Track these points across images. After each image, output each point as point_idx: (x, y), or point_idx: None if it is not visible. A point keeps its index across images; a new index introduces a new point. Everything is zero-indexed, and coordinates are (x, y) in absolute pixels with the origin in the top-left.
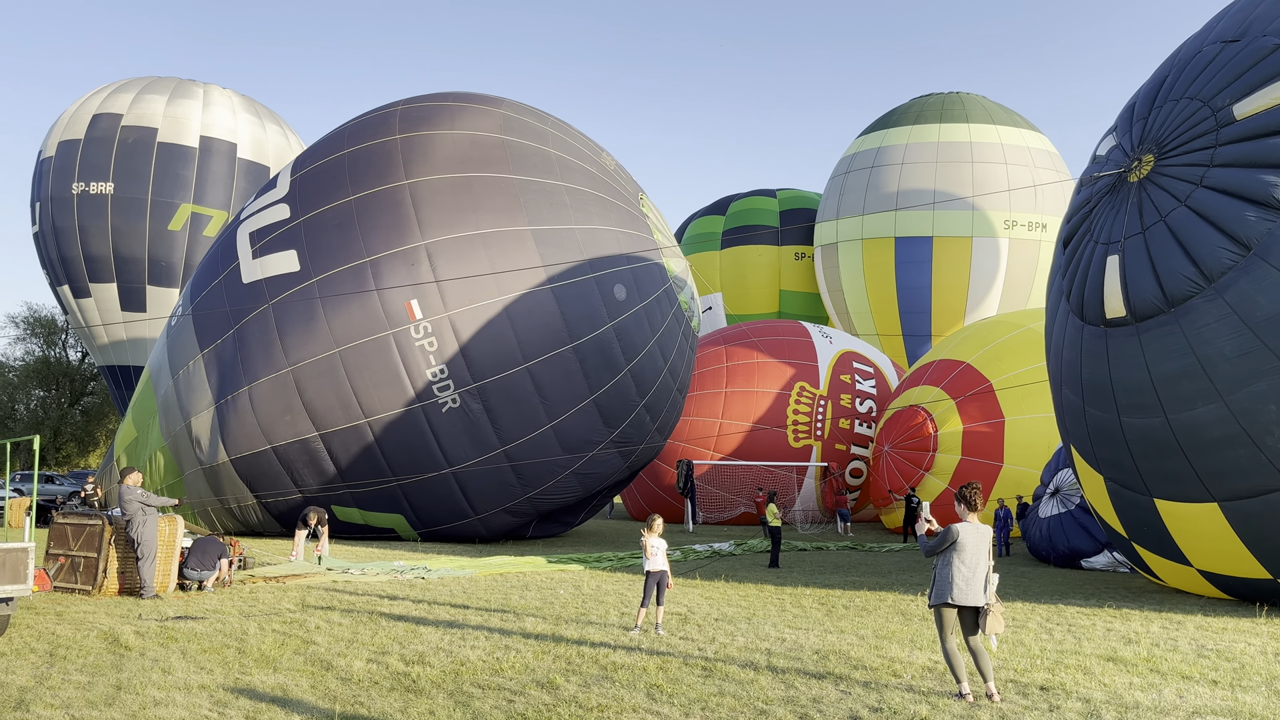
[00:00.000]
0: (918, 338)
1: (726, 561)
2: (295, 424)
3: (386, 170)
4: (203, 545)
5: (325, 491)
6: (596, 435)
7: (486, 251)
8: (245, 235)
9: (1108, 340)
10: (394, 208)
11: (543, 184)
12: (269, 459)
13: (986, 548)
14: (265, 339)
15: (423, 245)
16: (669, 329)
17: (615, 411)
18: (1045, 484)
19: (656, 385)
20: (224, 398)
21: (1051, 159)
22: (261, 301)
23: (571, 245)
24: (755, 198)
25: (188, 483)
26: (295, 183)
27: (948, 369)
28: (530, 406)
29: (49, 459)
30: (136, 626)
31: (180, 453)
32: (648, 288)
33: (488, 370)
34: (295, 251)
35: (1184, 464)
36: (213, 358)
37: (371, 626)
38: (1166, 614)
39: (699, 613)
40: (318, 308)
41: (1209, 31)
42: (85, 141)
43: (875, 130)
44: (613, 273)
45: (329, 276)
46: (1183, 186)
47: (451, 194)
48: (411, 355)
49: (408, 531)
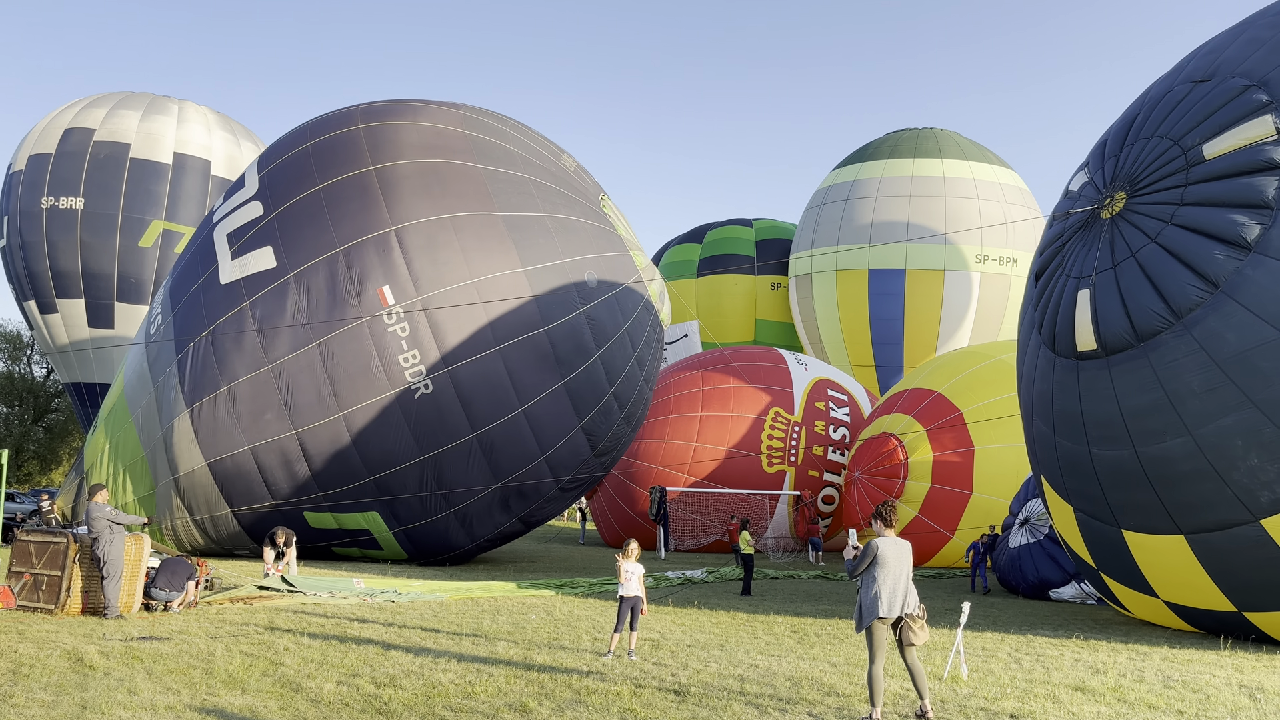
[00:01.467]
0: (890, 368)
1: (699, 589)
2: (274, 423)
3: (352, 157)
4: (171, 566)
5: (299, 496)
6: (567, 421)
7: (457, 236)
8: (223, 237)
9: (1079, 372)
10: (362, 193)
11: (508, 174)
12: (246, 461)
13: (908, 560)
14: (242, 338)
15: (392, 230)
16: (639, 318)
17: (585, 397)
18: (1014, 514)
19: (625, 373)
20: (201, 399)
21: (1022, 195)
22: (240, 301)
23: (541, 230)
24: (732, 227)
25: (160, 494)
26: (264, 179)
27: (919, 398)
28: (502, 391)
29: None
30: (101, 646)
31: (157, 463)
32: (618, 276)
33: (460, 355)
34: (271, 248)
35: (1152, 496)
36: (191, 361)
37: (341, 649)
38: (1133, 645)
39: (672, 639)
40: (293, 301)
41: (1179, 72)
42: (56, 156)
43: (850, 164)
44: (584, 259)
45: (304, 269)
46: (1153, 224)
47: (419, 178)
48: (384, 342)
49: (382, 531)
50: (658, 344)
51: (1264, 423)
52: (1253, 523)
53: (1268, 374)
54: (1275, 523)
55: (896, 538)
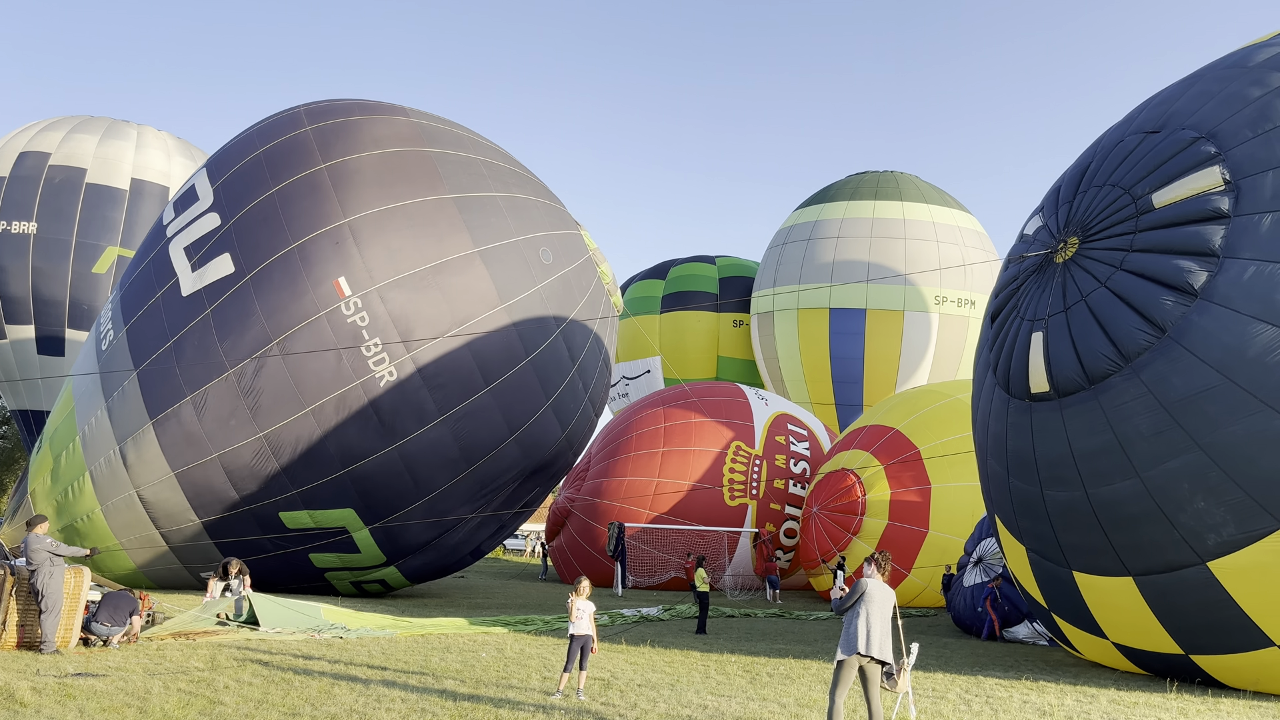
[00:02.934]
0: (850, 407)
1: (653, 627)
2: (241, 427)
3: (302, 158)
4: (114, 600)
5: (273, 496)
6: (535, 399)
7: (409, 222)
8: (179, 251)
9: (1032, 414)
10: (313, 191)
11: (458, 155)
12: (213, 468)
13: (892, 606)
14: (205, 345)
15: (345, 223)
16: (593, 297)
17: (551, 375)
18: (969, 553)
19: (586, 349)
20: (164, 411)
21: (980, 238)
22: (202, 310)
23: (493, 210)
24: (695, 264)
25: (115, 508)
26: (218, 190)
27: (878, 434)
28: (466, 372)
29: None
30: (34, 682)
31: (102, 480)
32: (571, 254)
33: (420, 337)
34: (229, 254)
35: (1101, 538)
36: (151, 375)
37: (284, 687)
38: (1081, 687)
39: (622, 678)
40: (252, 303)
41: (1130, 122)
42: (9, 180)
43: (812, 204)
44: (538, 236)
45: (260, 270)
46: (1103, 269)
47: (369, 169)
48: (345, 333)
49: (358, 528)
50: (612, 327)
51: (1210, 466)
52: (1199, 565)
53: (1214, 418)
54: (1221, 565)
55: (884, 583)
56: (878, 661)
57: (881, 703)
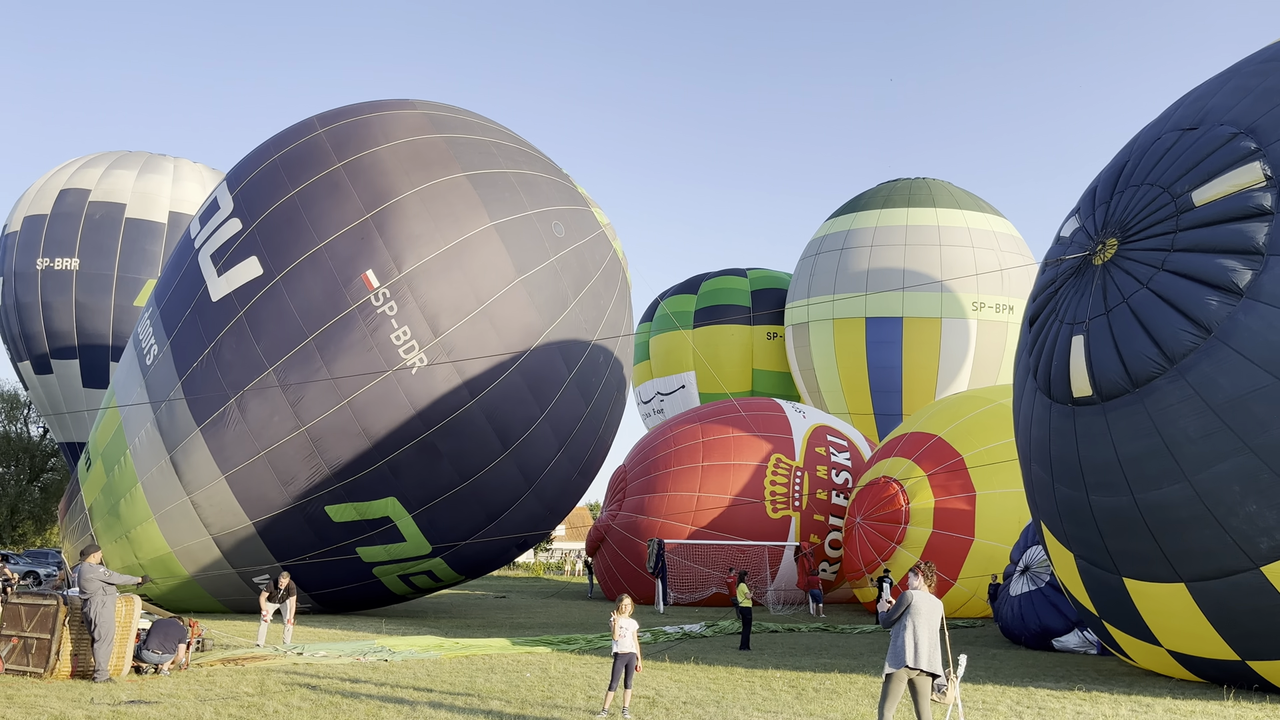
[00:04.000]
0: (889, 416)
1: (696, 643)
2: (283, 424)
3: (318, 159)
4: (163, 628)
5: (318, 491)
6: (558, 372)
7: (426, 206)
8: (206, 259)
9: (1075, 419)
10: (333, 190)
11: (468, 138)
12: (263, 468)
13: (940, 617)
14: (243, 348)
15: (368, 217)
16: (608, 270)
17: (572, 349)
18: (1015, 562)
19: (604, 320)
20: (210, 416)
21: (1016, 243)
22: (234, 313)
23: (505, 185)
24: (726, 277)
25: (170, 516)
26: (238, 198)
27: (919, 441)
28: (490, 348)
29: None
30: (88, 711)
31: (154, 490)
32: (583, 228)
33: (446, 322)
34: (255, 257)
35: (1151, 544)
36: (194, 381)
37: (332, 710)
38: (1136, 696)
39: (667, 696)
40: (285, 303)
41: (1166, 119)
42: (51, 217)
43: (844, 213)
44: (550, 210)
45: (290, 271)
46: (1145, 270)
47: (385, 163)
48: (375, 324)
49: (402, 517)
50: (628, 304)
51: (1261, 468)
52: (1253, 570)
53: (1263, 419)
54: (1276, 570)
55: (930, 594)
56: (927, 674)
57: (932, 715)
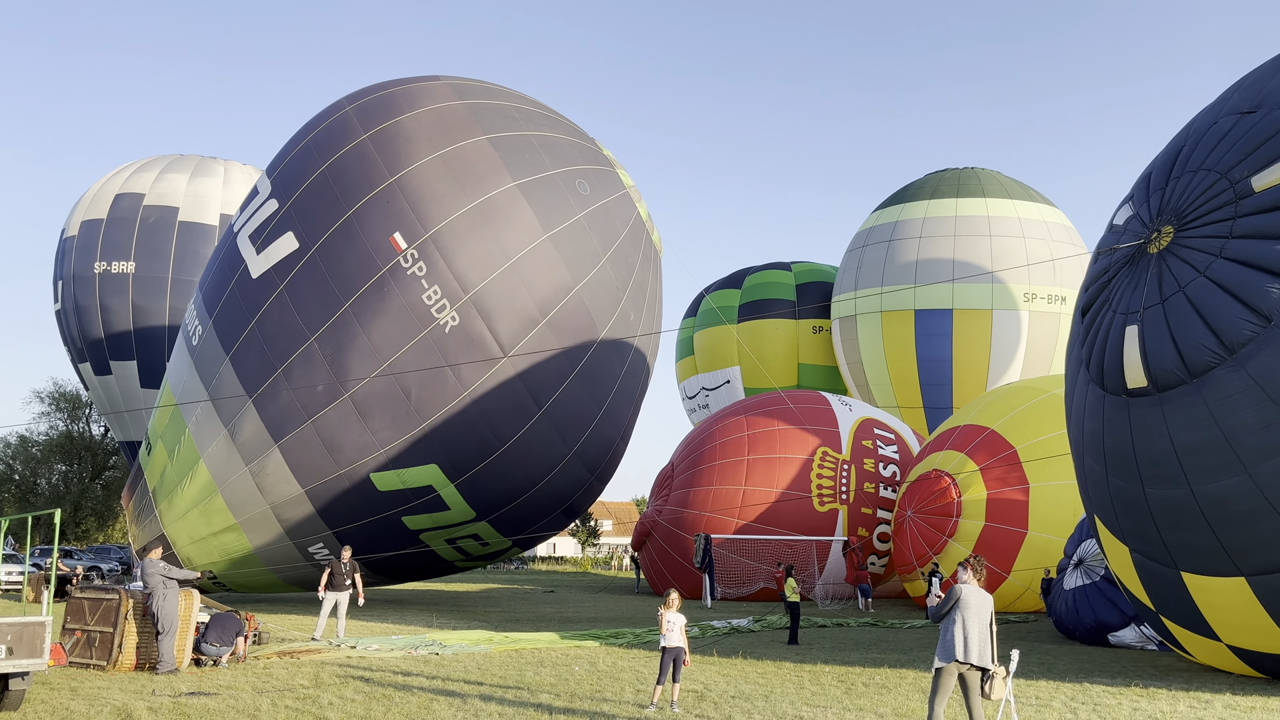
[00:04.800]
0: (939, 410)
1: (744, 638)
2: (327, 392)
3: (347, 134)
4: (221, 621)
5: (363, 457)
6: (588, 329)
7: (449, 168)
8: (245, 239)
9: (1130, 410)
10: (360, 160)
11: (490, 104)
12: (311, 435)
13: (989, 611)
14: (285, 320)
15: (393, 181)
16: (634, 229)
17: (602, 303)
18: (1069, 555)
19: (632, 280)
20: (259, 388)
21: (1068, 233)
22: (274, 288)
23: (527, 147)
24: (771, 271)
25: (232, 488)
26: (275, 181)
27: (971, 434)
28: (524, 309)
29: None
30: (150, 702)
31: (215, 465)
32: (608, 187)
33: (474, 278)
34: (291, 232)
35: (1210, 537)
36: (242, 357)
37: (385, 703)
38: (1194, 693)
39: (715, 690)
40: (321, 273)
41: (1224, 103)
42: (107, 221)
43: (891, 204)
44: (573, 169)
45: (324, 242)
46: (1202, 258)
47: (409, 130)
48: (406, 286)
49: (445, 485)
50: (656, 266)
51: None
52: None
53: None
54: None
55: (980, 588)
56: (977, 668)
57: (982, 711)
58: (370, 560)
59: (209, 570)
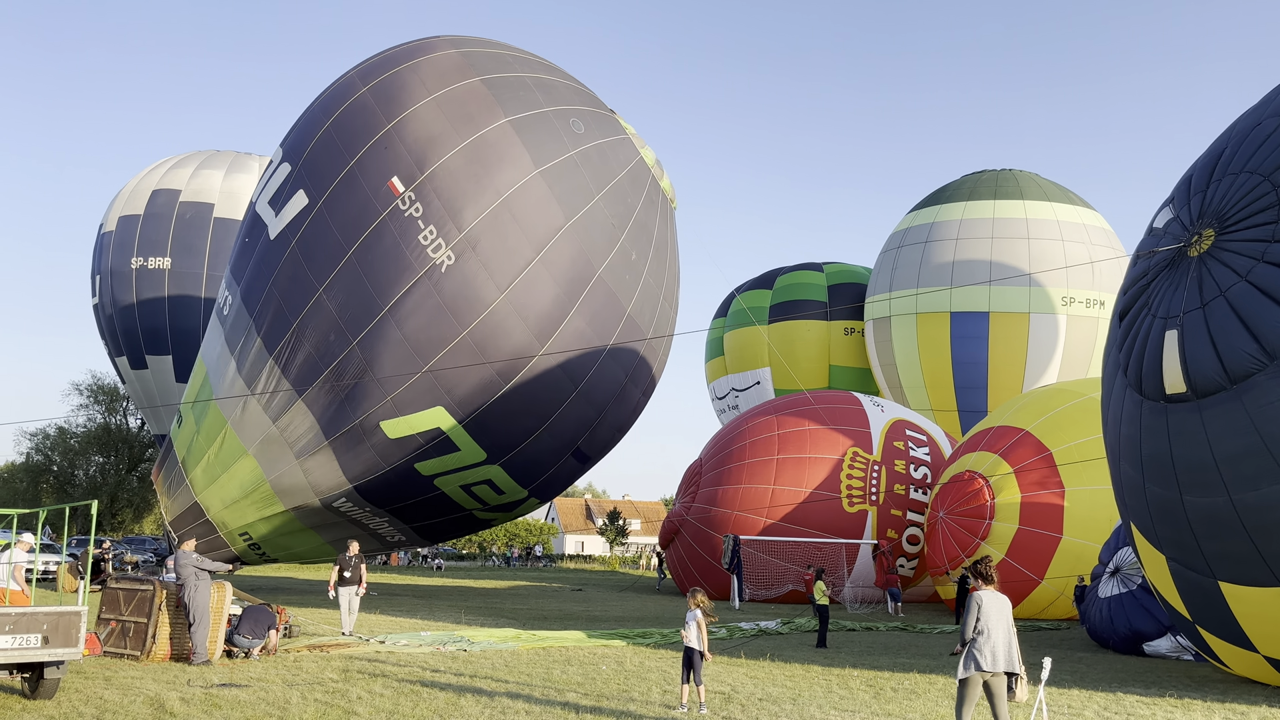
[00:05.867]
0: (973, 413)
1: (773, 640)
2: (339, 342)
3: (349, 91)
4: (254, 614)
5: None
6: (583, 267)
7: (441, 110)
8: (265, 205)
9: (1168, 416)
10: (360, 111)
11: (485, 52)
12: (328, 388)
13: (1009, 615)
14: (298, 275)
15: (389, 127)
16: (634, 172)
17: (596, 239)
18: (1104, 563)
19: (633, 220)
20: (278, 345)
21: (1108, 236)
22: (288, 245)
23: (520, 86)
24: (802, 272)
25: (264, 446)
26: (286, 148)
27: (1005, 436)
28: (516, 243)
29: (105, 524)
30: (182, 693)
31: (243, 428)
32: (605, 129)
33: (468, 215)
34: (302, 189)
35: (1249, 546)
36: (264, 318)
37: (413, 698)
38: (1230, 704)
39: (743, 692)
40: (327, 224)
41: (1267, 105)
42: (144, 217)
43: (928, 205)
44: (567, 109)
45: (329, 194)
46: (1244, 262)
47: (406, 81)
48: (403, 228)
49: (452, 426)
50: (667, 214)
51: None
52: None
53: None
54: None
55: (996, 592)
56: (1005, 674)
57: (1010, 715)
58: (393, 509)
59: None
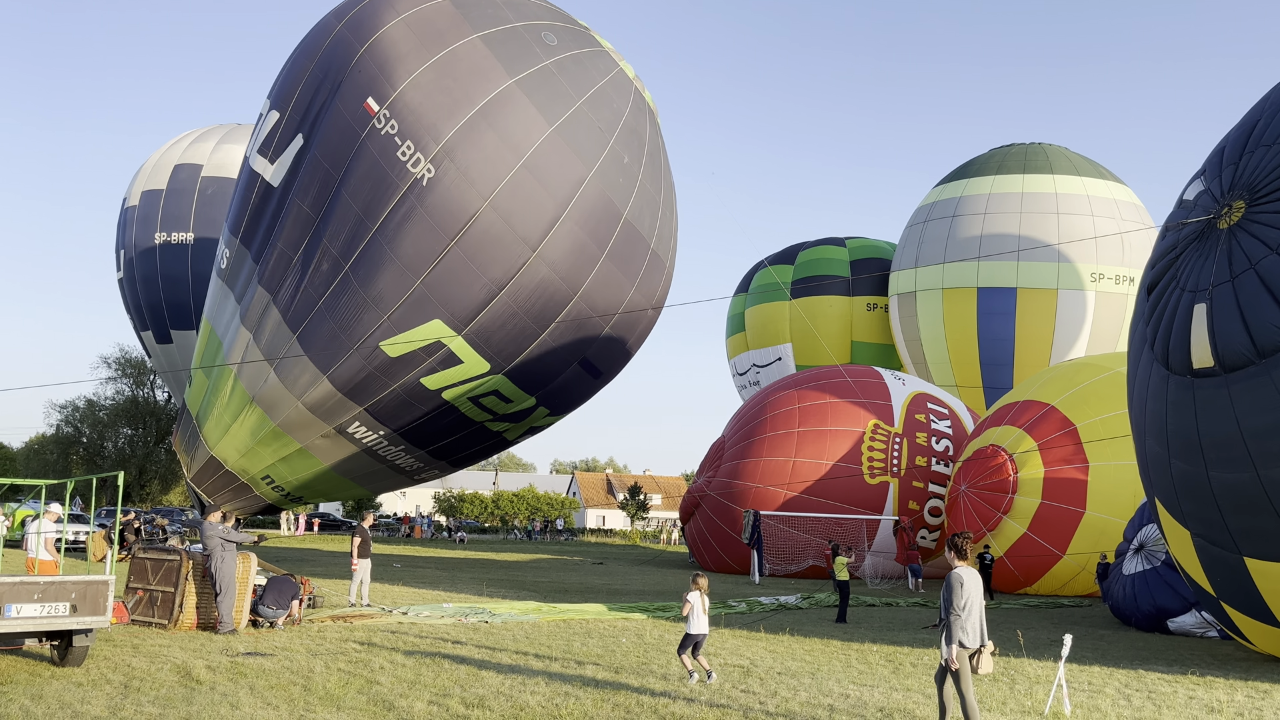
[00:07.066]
0: (998, 390)
1: (792, 615)
2: (332, 269)
3: (326, 33)
4: (278, 584)
5: (370, 328)
6: (571, 168)
7: (410, 30)
8: (256, 155)
9: (1195, 391)
10: (336, 44)
11: None
12: (323, 318)
13: (981, 589)
14: (299, 214)
15: (362, 51)
16: (616, 82)
17: (584, 144)
18: (1129, 539)
19: (620, 125)
20: (280, 286)
21: (1138, 212)
22: (290, 191)
23: (490, 4)
24: (825, 247)
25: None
26: (273, 97)
27: (1031, 410)
28: (494, 150)
29: (133, 495)
30: (209, 661)
31: (248, 378)
32: (580, 42)
33: (444, 128)
34: (301, 133)
35: (1275, 521)
36: (265, 262)
37: (434, 669)
38: (1253, 682)
39: (762, 666)
40: (316, 158)
41: None
42: (167, 192)
43: (955, 179)
44: (539, 24)
45: (315, 128)
46: (1275, 234)
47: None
48: (382, 146)
49: (452, 337)
50: (651, 124)
51: None
52: None
53: None
54: None
55: (969, 568)
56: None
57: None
58: (406, 429)
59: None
